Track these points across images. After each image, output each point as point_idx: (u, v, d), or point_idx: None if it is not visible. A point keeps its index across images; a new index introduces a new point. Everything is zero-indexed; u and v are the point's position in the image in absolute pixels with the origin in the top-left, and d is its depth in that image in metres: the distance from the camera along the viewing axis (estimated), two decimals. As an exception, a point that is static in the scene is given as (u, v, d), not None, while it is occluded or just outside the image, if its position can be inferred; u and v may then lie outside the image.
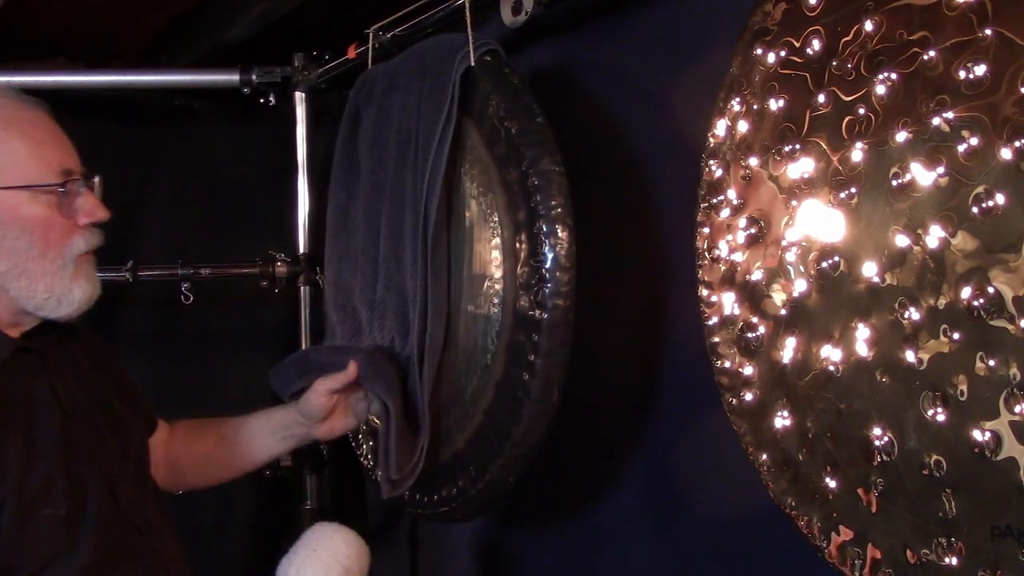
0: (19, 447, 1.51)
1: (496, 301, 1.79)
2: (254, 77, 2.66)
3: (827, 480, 1.39)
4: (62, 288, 1.58)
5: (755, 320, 1.52)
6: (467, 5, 1.91)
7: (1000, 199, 1.16)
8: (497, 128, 1.80)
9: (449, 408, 1.91)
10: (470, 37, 1.86)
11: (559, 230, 1.69)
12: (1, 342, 1.58)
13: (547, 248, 1.69)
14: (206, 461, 2.05)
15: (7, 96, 1.62)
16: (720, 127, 1.57)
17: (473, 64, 1.85)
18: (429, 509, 1.99)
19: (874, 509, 1.33)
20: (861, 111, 1.33)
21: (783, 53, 1.45)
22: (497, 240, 1.80)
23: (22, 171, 1.55)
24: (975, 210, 1.19)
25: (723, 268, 1.57)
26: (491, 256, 1.81)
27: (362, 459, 2.28)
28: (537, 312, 1.70)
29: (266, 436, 2.01)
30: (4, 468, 1.49)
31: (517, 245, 1.75)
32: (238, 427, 2.03)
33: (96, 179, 1.64)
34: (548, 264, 1.69)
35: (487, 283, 1.83)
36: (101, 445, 1.63)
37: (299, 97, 2.71)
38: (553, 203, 1.70)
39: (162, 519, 1.72)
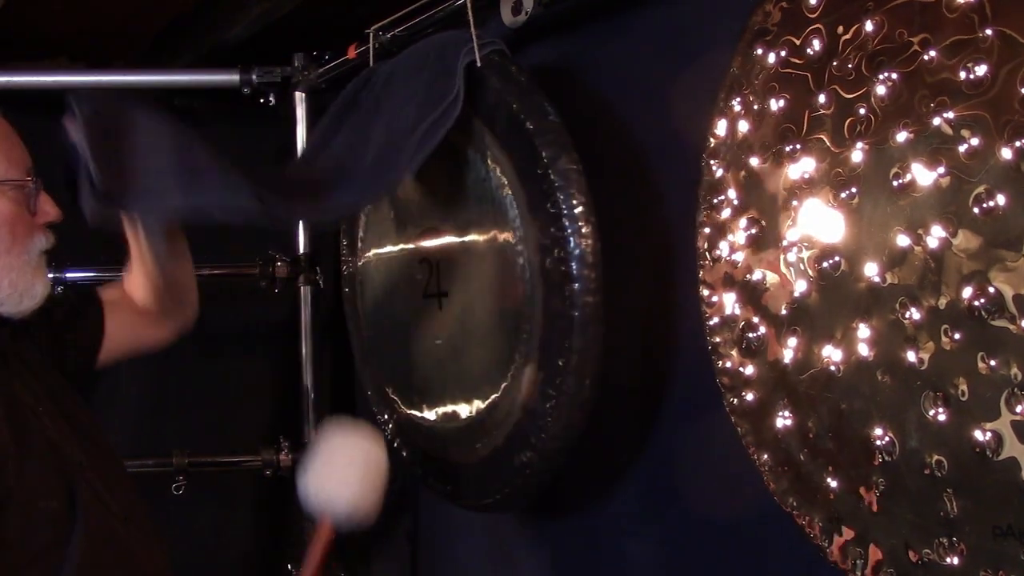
0: (9, 443, 1.52)
1: (528, 302, 1.81)
2: (254, 77, 2.66)
3: (828, 480, 1.40)
4: (25, 283, 1.60)
5: (756, 320, 1.52)
6: (468, 5, 1.91)
7: (1001, 199, 1.16)
8: (511, 128, 1.81)
9: (487, 405, 1.94)
10: (474, 34, 1.86)
11: (583, 228, 1.71)
12: None
13: (572, 246, 1.71)
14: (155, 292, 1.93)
15: None
16: (721, 127, 1.57)
17: (479, 63, 1.85)
18: (474, 501, 2.04)
19: (875, 509, 1.33)
20: (862, 111, 1.33)
21: (783, 53, 1.45)
22: (522, 243, 1.81)
23: None
24: (976, 210, 1.19)
25: (724, 268, 1.57)
26: (519, 260, 1.83)
27: None
28: (568, 310, 1.71)
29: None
30: (3, 462, 1.49)
31: (542, 244, 1.77)
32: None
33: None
34: (575, 262, 1.70)
35: (515, 284, 1.84)
36: (68, 439, 1.63)
37: (299, 97, 2.71)
38: (575, 201, 1.72)
39: (137, 505, 1.72)
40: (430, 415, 2.16)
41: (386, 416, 2.31)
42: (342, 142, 2.06)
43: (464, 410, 2.03)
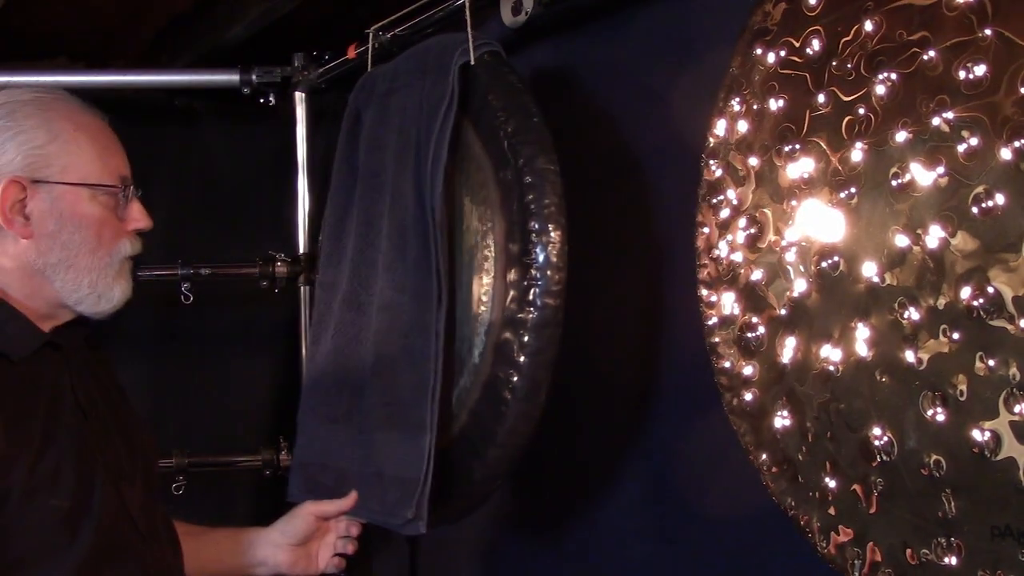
0: (36, 437, 1.54)
1: (486, 299, 1.79)
2: (254, 77, 2.67)
3: (827, 480, 1.40)
4: (105, 285, 1.65)
5: (755, 320, 1.52)
6: (467, 5, 1.91)
7: (1000, 199, 1.16)
8: (493, 126, 1.80)
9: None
10: (470, 35, 1.86)
11: (551, 229, 1.69)
12: (32, 334, 1.61)
13: (539, 247, 1.69)
14: None
15: (76, 102, 1.70)
16: (720, 127, 1.57)
17: (472, 62, 1.85)
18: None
19: (874, 509, 1.33)
20: (861, 111, 1.33)
21: (783, 53, 1.45)
22: (491, 238, 1.80)
23: (87, 171, 1.64)
24: (975, 210, 1.19)
25: (723, 268, 1.57)
26: (485, 254, 1.81)
27: None
28: (526, 310, 1.69)
29: (230, 554, 1.96)
30: (18, 454, 1.50)
31: (509, 243, 1.75)
32: (202, 538, 1.96)
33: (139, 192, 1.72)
34: (539, 263, 1.69)
35: (479, 281, 1.82)
36: (112, 448, 1.66)
37: (299, 97, 2.71)
38: (547, 201, 1.70)
39: (165, 530, 1.74)
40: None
41: None
42: (362, 213, 2.09)
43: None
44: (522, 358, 1.70)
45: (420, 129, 1.90)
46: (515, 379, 1.71)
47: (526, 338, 1.70)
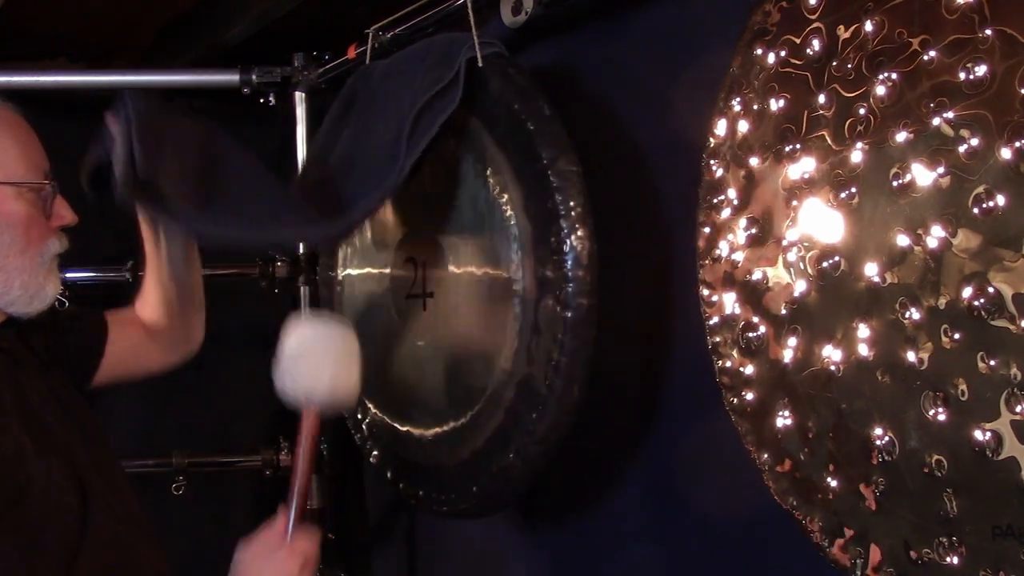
0: (22, 435, 1.52)
1: (516, 301, 1.80)
2: (254, 77, 2.66)
3: (828, 480, 1.40)
4: (36, 285, 1.61)
5: (756, 320, 1.52)
6: (468, 5, 1.91)
7: (1000, 199, 1.16)
8: (510, 129, 1.81)
9: (464, 407, 1.92)
10: (475, 34, 1.86)
11: (579, 229, 1.71)
12: None
13: (568, 247, 1.71)
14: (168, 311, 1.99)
15: None
16: (720, 127, 1.57)
17: (481, 64, 1.85)
18: (448, 507, 2.00)
19: (875, 508, 1.33)
20: (861, 111, 1.33)
21: (783, 53, 1.46)
22: (516, 240, 1.81)
23: (10, 168, 1.58)
24: (975, 210, 1.19)
25: (724, 268, 1.57)
26: (510, 256, 1.82)
27: (370, 459, 2.28)
28: (561, 311, 1.71)
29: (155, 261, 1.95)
30: (23, 455, 1.49)
31: (538, 245, 1.76)
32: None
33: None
34: (570, 263, 1.70)
35: (506, 283, 1.83)
36: (73, 438, 1.63)
37: (299, 97, 2.70)
38: (572, 203, 1.72)
39: (138, 508, 1.72)
40: (407, 418, 2.12)
41: (358, 417, 2.29)
42: (343, 144, 2.07)
43: (445, 414, 1.99)
44: (559, 358, 1.72)
45: (411, 111, 1.90)
46: (552, 378, 1.73)
47: (562, 338, 1.71)
